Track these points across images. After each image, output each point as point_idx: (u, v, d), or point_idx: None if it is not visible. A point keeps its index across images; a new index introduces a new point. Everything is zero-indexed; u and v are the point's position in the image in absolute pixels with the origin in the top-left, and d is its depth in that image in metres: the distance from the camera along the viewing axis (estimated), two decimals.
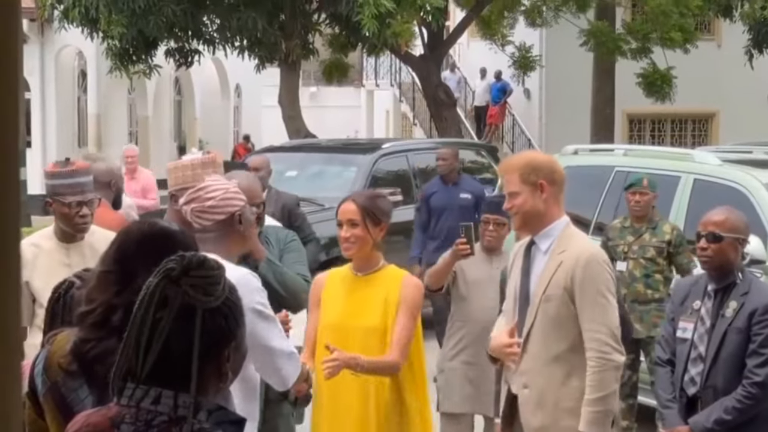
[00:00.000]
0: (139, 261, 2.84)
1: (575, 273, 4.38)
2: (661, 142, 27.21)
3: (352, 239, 4.63)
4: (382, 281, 4.68)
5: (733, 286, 4.96)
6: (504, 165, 4.66)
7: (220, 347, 2.23)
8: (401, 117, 32.39)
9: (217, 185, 4.05)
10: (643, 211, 8.05)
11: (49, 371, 2.99)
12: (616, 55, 20.14)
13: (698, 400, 4.95)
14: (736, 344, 4.88)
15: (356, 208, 4.65)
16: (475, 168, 14.43)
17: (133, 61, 18.55)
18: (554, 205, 4.48)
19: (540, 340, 4.46)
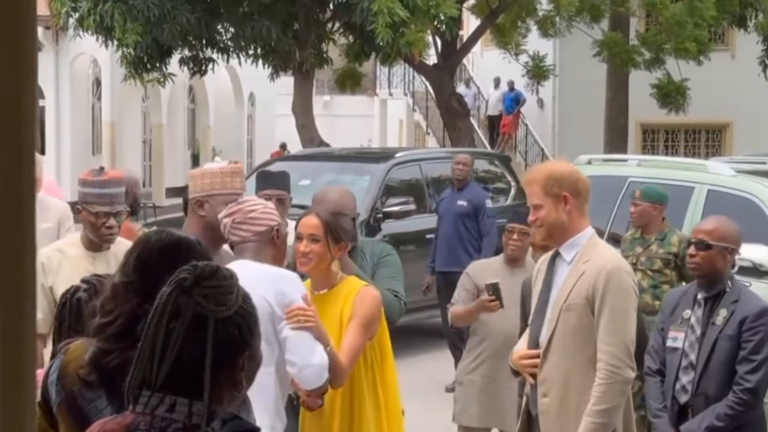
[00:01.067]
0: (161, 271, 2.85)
1: (597, 283, 4.36)
2: (675, 152, 27.16)
3: (310, 255, 4.44)
4: (338, 297, 4.51)
5: (723, 294, 5.03)
6: (527, 177, 4.62)
7: (234, 356, 2.24)
8: (414, 126, 32.39)
9: (257, 200, 4.28)
10: (639, 222, 8.06)
11: (64, 381, 2.99)
12: (630, 66, 20.13)
13: (689, 408, 4.98)
14: (726, 352, 4.93)
15: (319, 223, 4.46)
16: (488, 177, 14.43)
17: (148, 69, 18.60)
18: (579, 216, 4.47)
19: (560, 349, 4.45)
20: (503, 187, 14.52)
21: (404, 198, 12.43)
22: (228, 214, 4.18)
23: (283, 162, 14.08)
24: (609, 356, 4.35)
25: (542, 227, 4.48)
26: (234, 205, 4.20)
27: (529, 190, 4.51)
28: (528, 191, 4.54)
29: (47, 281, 4.95)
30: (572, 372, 4.43)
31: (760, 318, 4.94)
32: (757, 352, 4.90)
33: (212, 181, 4.51)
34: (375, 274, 5.15)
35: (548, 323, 4.49)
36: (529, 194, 4.52)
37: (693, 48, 19.08)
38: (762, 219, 7.98)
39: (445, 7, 16.84)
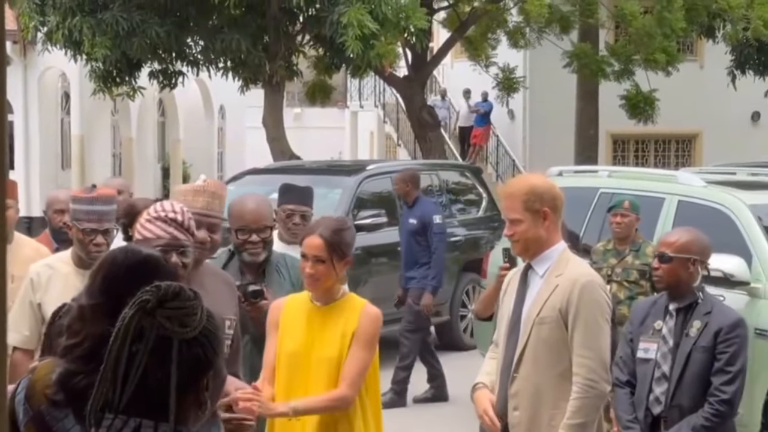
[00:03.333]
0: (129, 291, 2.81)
1: (571, 296, 4.35)
2: (645, 162, 27.28)
3: (316, 276, 4.50)
4: (341, 312, 4.57)
5: (695, 305, 5.04)
6: (506, 190, 4.58)
7: (198, 377, 2.21)
8: (385, 138, 32.40)
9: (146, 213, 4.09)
10: (624, 233, 8.07)
11: (31, 400, 2.95)
12: (599, 77, 20.21)
13: (663, 419, 4.98)
14: (701, 363, 4.94)
15: (323, 243, 4.49)
16: (459, 189, 14.44)
17: (117, 82, 18.52)
18: (554, 230, 4.47)
19: (532, 362, 4.42)
20: (474, 198, 14.53)
21: (376, 210, 12.41)
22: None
23: (254, 175, 14.03)
24: (586, 370, 4.33)
25: (519, 242, 4.46)
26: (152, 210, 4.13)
27: (508, 204, 4.47)
28: (506, 205, 4.50)
29: (35, 298, 4.93)
30: (544, 385, 4.41)
31: (734, 329, 4.96)
32: (732, 363, 4.91)
33: (180, 199, 4.49)
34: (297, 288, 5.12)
35: (521, 336, 4.46)
36: (508, 208, 4.48)
37: (662, 59, 19.17)
38: (733, 230, 7.99)
39: (415, 19, 16.85)
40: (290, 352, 4.56)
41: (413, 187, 11.09)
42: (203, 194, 4.48)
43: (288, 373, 4.55)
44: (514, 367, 4.46)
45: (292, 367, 4.54)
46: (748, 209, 8.07)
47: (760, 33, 18.63)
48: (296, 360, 4.53)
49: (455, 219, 13.85)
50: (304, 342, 4.53)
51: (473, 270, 12.88)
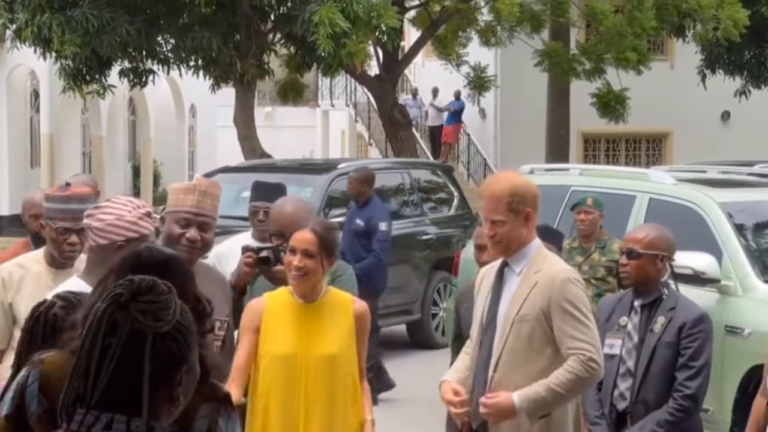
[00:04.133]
0: None
1: (552, 293, 4.34)
2: (616, 161, 27.38)
3: (305, 269, 4.51)
4: (331, 308, 4.60)
5: (660, 301, 5.06)
6: (488, 190, 4.51)
7: (172, 372, 2.19)
8: (356, 137, 32.40)
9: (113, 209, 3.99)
10: (589, 230, 8.09)
11: (46, 392, 2.91)
12: (571, 75, 20.26)
13: (628, 415, 4.99)
14: (665, 359, 4.96)
15: (315, 238, 4.52)
16: (431, 188, 14.44)
17: (87, 80, 18.41)
18: (533, 229, 4.48)
19: (511, 362, 4.40)
20: (446, 197, 14.54)
21: (347, 209, 12.39)
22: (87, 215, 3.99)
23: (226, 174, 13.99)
24: (586, 352, 4.29)
25: (500, 242, 4.43)
26: (93, 208, 4.03)
27: (491, 206, 4.43)
28: (488, 206, 4.45)
29: (7, 297, 4.87)
30: (524, 385, 4.38)
31: (698, 324, 4.98)
32: (696, 358, 4.94)
33: (171, 198, 4.45)
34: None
35: (499, 336, 4.43)
36: (490, 209, 4.43)
37: (633, 58, 19.25)
38: (703, 227, 8.02)
39: (386, 18, 16.84)
40: (284, 354, 4.52)
41: (368, 187, 11.05)
42: (194, 193, 4.40)
43: (285, 374, 4.51)
44: (493, 367, 4.43)
45: (290, 368, 4.50)
46: (718, 207, 8.10)
47: (730, 33, 18.73)
48: (292, 362, 4.51)
49: (426, 217, 13.86)
50: (297, 342, 4.52)
51: (444, 268, 12.89)
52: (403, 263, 12.81)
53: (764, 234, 8.27)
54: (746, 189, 9.15)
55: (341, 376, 4.57)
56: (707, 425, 7.39)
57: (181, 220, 4.36)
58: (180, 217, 4.36)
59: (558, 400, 4.32)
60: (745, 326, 7.30)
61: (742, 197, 8.57)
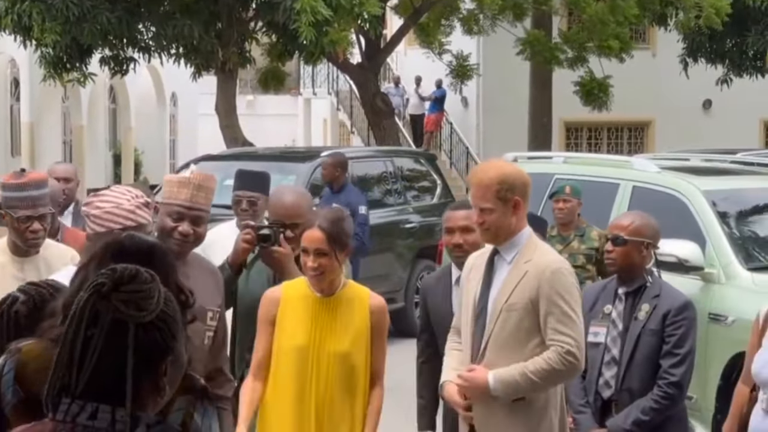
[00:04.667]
0: None
1: (542, 284, 4.32)
2: (598, 149, 27.42)
3: (320, 269, 4.45)
4: (348, 303, 4.53)
5: (644, 289, 5.06)
6: (476, 178, 4.49)
7: (156, 362, 2.17)
8: (339, 125, 32.35)
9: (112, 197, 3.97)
10: (567, 218, 8.10)
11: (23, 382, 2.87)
12: (553, 64, 20.27)
13: (613, 403, 4.99)
14: (650, 346, 4.97)
15: (323, 236, 4.45)
16: (414, 176, 14.43)
17: (67, 69, 18.31)
18: (523, 217, 4.45)
19: (497, 350, 4.38)
20: (429, 185, 14.52)
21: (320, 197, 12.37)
22: (85, 203, 4.01)
23: (208, 162, 13.93)
24: (566, 345, 4.28)
25: (489, 230, 4.41)
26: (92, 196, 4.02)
27: (480, 193, 4.40)
28: (477, 193, 4.42)
29: None
30: None
31: (682, 312, 4.98)
32: (681, 345, 4.94)
33: (165, 190, 4.40)
34: None
35: (488, 323, 4.42)
36: (478, 196, 4.41)
37: (615, 46, 19.27)
38: (686, 215, 8.02)
39: (368, 5, 16.79)
40: (297, 347, 4.48)
41: (342, 172, 11.08)
42: (188, 186, 4.33)
43: (296, 368, 4.47)
44: (480, 355, 4.42)
45: (302, 362, 4.46)
46: (702, 195, 8.11)
47: (711, 21, 18.76)
48: (305, 354, 4.46)
49: (410, 206, 13.84)
50: (312, 336, 4.47)
51: (428, 257, 12.88)
52: (387, 252, 12.80)
53: (747, 222, 8.29)
54: (730, 177, 9.17)
55: (353, 373, 4.51)
56: (691, 412, 7.39)
57: (173, 213, 4.31)
58: (173, 210, 4.31)
59: (531, 387, 4.32)
60: (728, 314, 7.31)
61: (725, 185, 8.59)
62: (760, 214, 8.44)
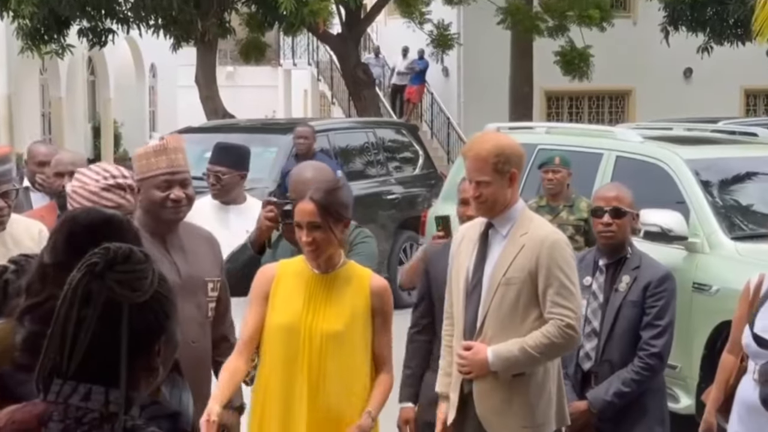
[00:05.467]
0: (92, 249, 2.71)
1: (540, 256, 4.29)
2: (579, 119, 27.41)
3: (315, 243, 4.16)
4: (346, 282, 4.24)
5: (624, 260, 5.04)
6: (471, 150, 4.43)
7: (150, 342, 2.15)
8: (319, 96, 32.22)
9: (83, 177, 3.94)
10: (557, 189, 8.09)
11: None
12: (533, 33, 20.22)
13: (593, 375, 4.98)
14: (630, 318, 4.96)
15: (314, 207, 4.15)
16: (395, 147, 14.39)
17: (45, 41, 18.18)
18: (517, 190, 4.43)
19: (495, 325, 4.36)
20: (411, 156, 14.49)
21: None
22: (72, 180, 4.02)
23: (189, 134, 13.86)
24: (565, 318, 4.27)
25: (485, 203, 4.37)
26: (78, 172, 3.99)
27: (476, 166, 4.36)
28: (473, 166, 4.37)
29: None
30: None
31: (663, 283, 4.98)
32: (661, 317, 4.94)
33: (141, 164, 4.29)
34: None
35: (484, 298, 4.39)
36: (474, 169, 4.37)
37: (596, 15, 19.24)
38: (670, 184, 8.02)
39: None
40: (287, 325, 4.21)
41: (314, 141, 11.10)
42: (164, 152, 4.26)
43: (287, 346, 4.21)
44: (477, 331, 4.39)
45: (293, 340, 4.19)
46: (685, 164, 8.11)
47: None
48: (295, 335, 4.19)
49: (392, 177, 13.82)
50: (304, 314, 4.20)
51: (410, 228, 12.88)
52: (369, 223, 12.72)
53: (731, 191, 8.29)
54: (712, 146, 9.17)
55: (348, 356, 4.21)
56: (675, 381, 7.44)
57: (160, 184, 4.23)
58: (158, 181, 4.23)
59: (530, 361, 4.32)
60: (712, 283, 7.33)
61: (708, 154, 8.59)
62: (743, 183, 8.45)
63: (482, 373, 4.35)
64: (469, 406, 4.45)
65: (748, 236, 7.51)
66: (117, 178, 3.95)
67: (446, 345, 4.62)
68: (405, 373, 5.15)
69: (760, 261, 6.90)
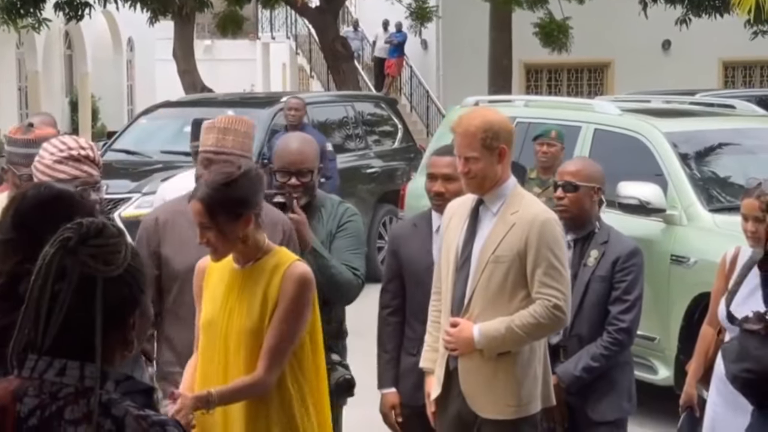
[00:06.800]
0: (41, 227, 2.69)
1: (530, 236, 4.27)
2: (558, 92, 27.41)
3: (211, 245, 3.77)
4: (263, 273, 3.82)
5: (592, 235, 5.03)
6: (460, 126, 4.38)
7: (125, 316, 2.15)
8: (298, 70, 32.12)
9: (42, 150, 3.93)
10: (550, 162, 8.08)
11: None
12: (513, 5, 20.17)
13: (561, 348, 4.98)
14: (599, 293, 4.96)
15: (202, 207, 3.72)
16: (374, 120, 14.37)
17: (21, 14, 18.04)
18: (507, 167, 4.38)
19: (482, 302, 4.34)
20: (390, 130, 14.48)
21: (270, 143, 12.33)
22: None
23: (167, 108, 13.81)
24: (553, 298, 4.26)
25: (474, 179, 4.33)
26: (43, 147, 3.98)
27: (464, 142, 4.32)
28: (461, 141, 4.34)
29: None
30: None
31: (631, 258, 4.97)
32: (630, 291, 4.93)
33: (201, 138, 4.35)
34: (332, 243, 4.75)
35: (472, 275, 4.36)
36: (464, 145, 4.32)
37: None
38: (648, 157, 8.04)
39: None
40: (207, 322, 3.90)
41: (304, 113, 11.11)
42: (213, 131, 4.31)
43: (206, 347, 3.90)
44: (465, 308, 4.36)
45: (210, 341, 3.88)
46: (663, 137, 8.12)
47: None
48: (213, 331, 3.87)
49: (371, 150, 13.80)
50: (221, 310, 3.86)
51: (389, 201, 12.88)
52: (348, 196, 12.68)
53: (708, 163, 8.32)
54: (690, 118, 9.19)
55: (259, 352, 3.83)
56: (654, 353, 7.48)
57: (203, 160, 4.30)
58: (203, 157, 4.30)
59: (517, 340, 4.29)
60: (690, 255, 7.36)
61: (686, 127, 8.61)
62: (720, 155, 8.48)
63: (467, 351, 4.33)
64: (454, 383, 4.43)
65: (725, 208, 7.53)
66: (72, 150, 3.91)
67: (433, 321, 4.58)
68: (383, 357, 5.03)
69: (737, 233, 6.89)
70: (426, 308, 4.67)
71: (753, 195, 4.84)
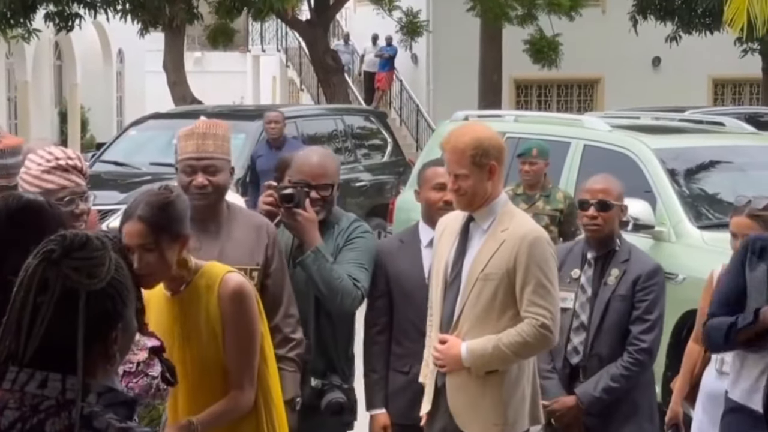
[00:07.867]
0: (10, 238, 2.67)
1: (519, 254, 4.21)
2: (548, 107, 27.46)
3: (148, 269, 3.46)
4: (199, 295, 3.62)
5: (613, 253, 4.97)
6: (451, 144, 4.33)
7: (107, 330, 2.12)
8: (288, 83, 32.13)
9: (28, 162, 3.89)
10: (533, 180, 8.11)
11: None
12: (503, 20, 20.22)
13: (581, 369, 4.93)
14: (619, 312, 4.89)
15: (144, 228, 3.47)
16: (364, 134, 14.38)
17: (11, 25, 18.02)
18: (498, 183, 4.34)
19: (471, 320, 4.29)
20: (379, 143, 14.49)
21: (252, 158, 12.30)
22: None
23: (156, 120, 13.81)
24: (541, 318, 4.20)
25: (465, 196, 4.28)
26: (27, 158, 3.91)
27: (454, 159, 4.28)
28: (452, 159, 4.30)
29: None
30: None
31: (653, 277, 4.91)
32: (651, 311, 4.88)
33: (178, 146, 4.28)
34: (338, 256, 4.62)
35: (462, 292, 4.32)
36: (454, 162, 4.28)
37: (565, 3, 19.29)
38: (637, 173, 8.04)
39: None
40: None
41: (284, 126, 11.19)
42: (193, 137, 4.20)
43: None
44: (453, 325, 4.33)
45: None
46: (652, 153, 8.13)
47: None
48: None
49: (360, 164, 13.80)
50: (174, 343, 3.62)
51: (379, 215, 12.85)
52: None
53: (697, 180, 8.33)
54: (680, 135, 9.21)
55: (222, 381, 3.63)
56: None
57: (186, 168, 4.21)
58: (185, 165, 4.22)
59: (503, 359, 4.25)
60: (678, 272, 7.34)
61: (675, 143, 8.62)
62: (709, 172, 8.49)
63: (455, 368, 4.29)
64: (442, 399, 4.39)
65: (714, 225, 7.53)
66: (60, 159, 3.89)
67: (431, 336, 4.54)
68: (372, 377, 4.90)
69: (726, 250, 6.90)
70: (417, 324, 4.63)
71: (742, 213, 4.83)
